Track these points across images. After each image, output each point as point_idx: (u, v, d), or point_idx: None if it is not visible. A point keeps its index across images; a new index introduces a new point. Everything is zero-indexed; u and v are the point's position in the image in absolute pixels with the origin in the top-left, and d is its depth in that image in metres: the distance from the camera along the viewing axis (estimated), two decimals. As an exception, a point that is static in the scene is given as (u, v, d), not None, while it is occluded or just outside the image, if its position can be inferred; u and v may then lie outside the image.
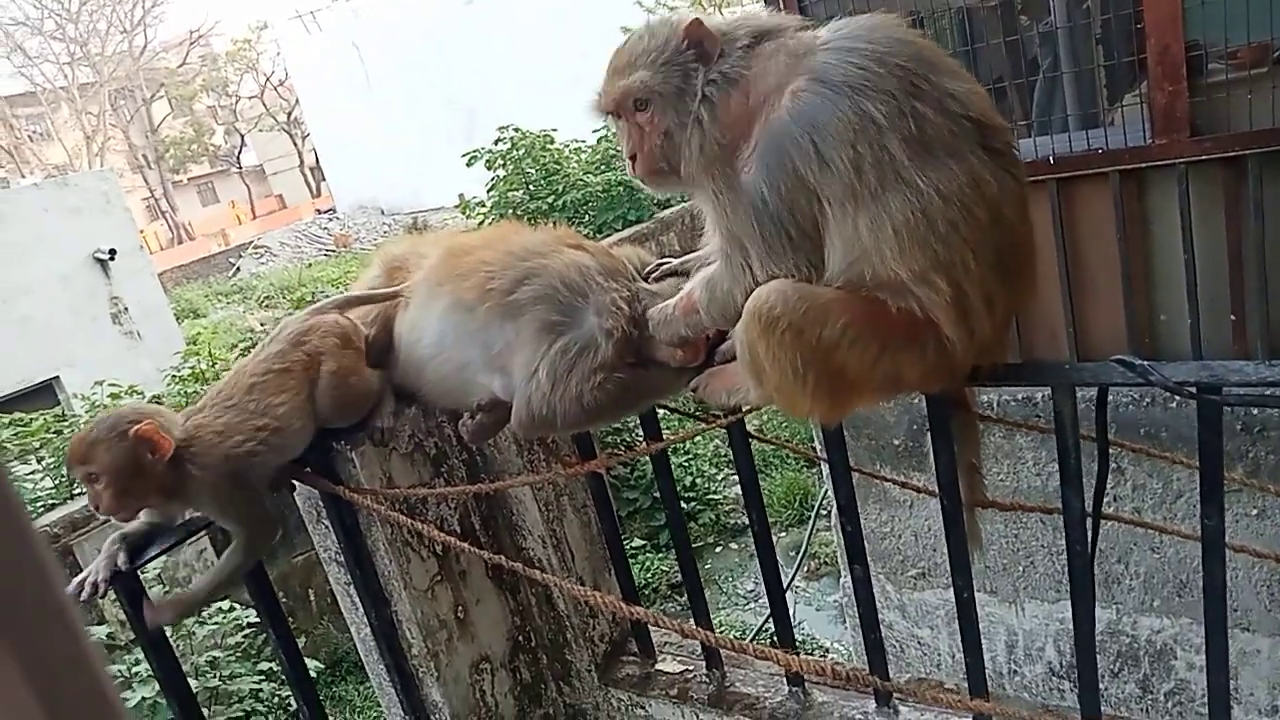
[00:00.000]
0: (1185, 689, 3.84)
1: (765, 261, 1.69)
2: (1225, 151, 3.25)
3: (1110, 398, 1.98)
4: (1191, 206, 3.35)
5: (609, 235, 10.73)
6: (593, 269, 2.14)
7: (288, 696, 5.47)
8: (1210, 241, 3.39)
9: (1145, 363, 1.68)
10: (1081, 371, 1.82)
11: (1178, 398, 1.72)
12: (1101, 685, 3.94)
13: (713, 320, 1.91)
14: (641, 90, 1.77)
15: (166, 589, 6.30)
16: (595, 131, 11.94)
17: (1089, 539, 1.96)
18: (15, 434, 8.09)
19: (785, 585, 6.81)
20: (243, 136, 44.51)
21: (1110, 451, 2.08)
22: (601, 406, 2.09)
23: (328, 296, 2.74)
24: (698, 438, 8.13)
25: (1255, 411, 3.31)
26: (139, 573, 2.14)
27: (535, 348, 2.10)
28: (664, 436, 2.53)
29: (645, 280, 2.21)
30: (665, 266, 2.24)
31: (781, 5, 4.10)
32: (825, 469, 4.65)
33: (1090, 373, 1.80)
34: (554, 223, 2.42)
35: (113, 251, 13.90)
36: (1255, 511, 3.44)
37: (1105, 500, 2.34)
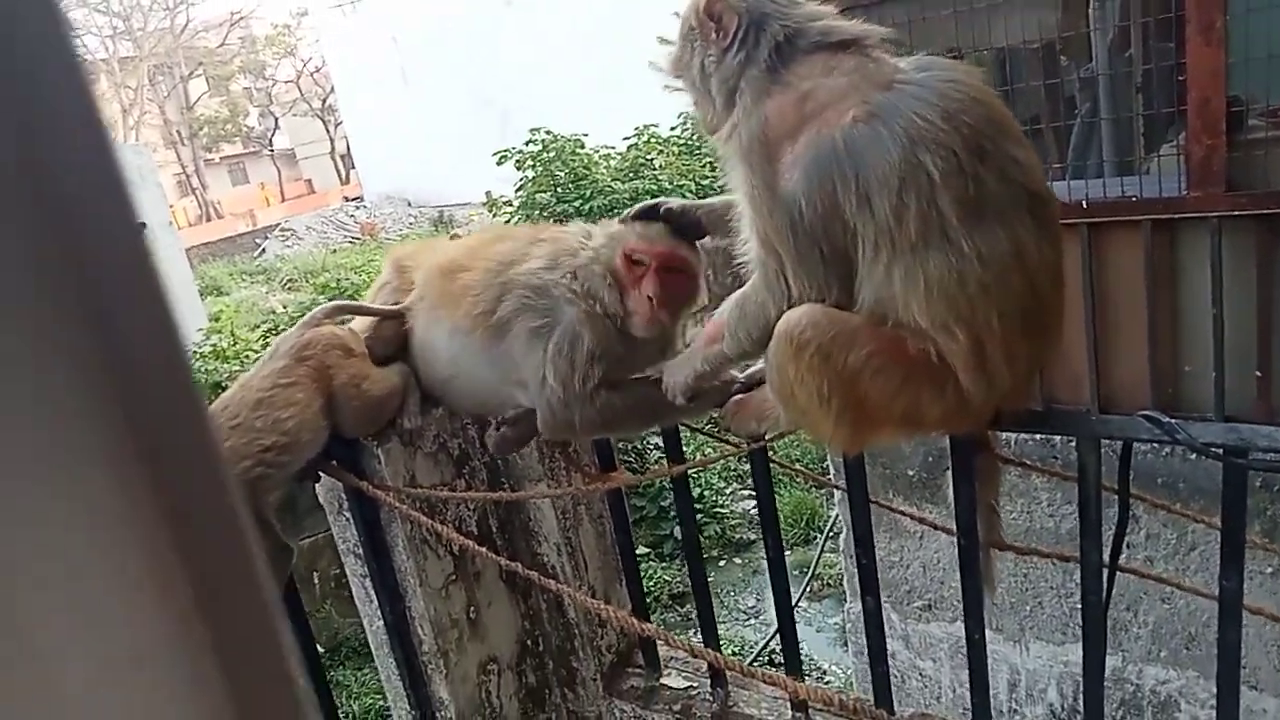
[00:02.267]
0: (1186, 742, 3.82)
1: (798, 273, 1.69)
2: (1261, 209, 3.24)
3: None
4: (1223, 261, 3.34)
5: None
6: (539, 267, 2.16)
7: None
8: (1240, 297, 3.38)
9: (1172, 420, 1.70)
10: (1108, 425, 1.83)
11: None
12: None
13: (737, 345, 1.87)
14: (666, 63, 1.89)
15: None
16: (625, 139, 12.02)
17: (1104, 590, 1.97)
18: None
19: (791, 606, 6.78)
20: (276, 119, 44.85)
21: (1136, 497, 2.10)
22: (616, 413, 2.12)
23: (339, 295, 2.79)
24: (708, 450, 8.16)
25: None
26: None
27: (535, 357, 2.14)
28: (685, 456, 2.55)
29: (625, 222, 2.18)
30: (666, 205, 2.17)
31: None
32: (837, 493, 4.67)
33: (1117, 426, 1.81)
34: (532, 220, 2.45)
35: (143, 224, 13.97)
36: (1270, 570, 3.43)
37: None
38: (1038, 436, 3.79)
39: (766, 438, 2.21)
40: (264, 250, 28.57)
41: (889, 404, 1.67)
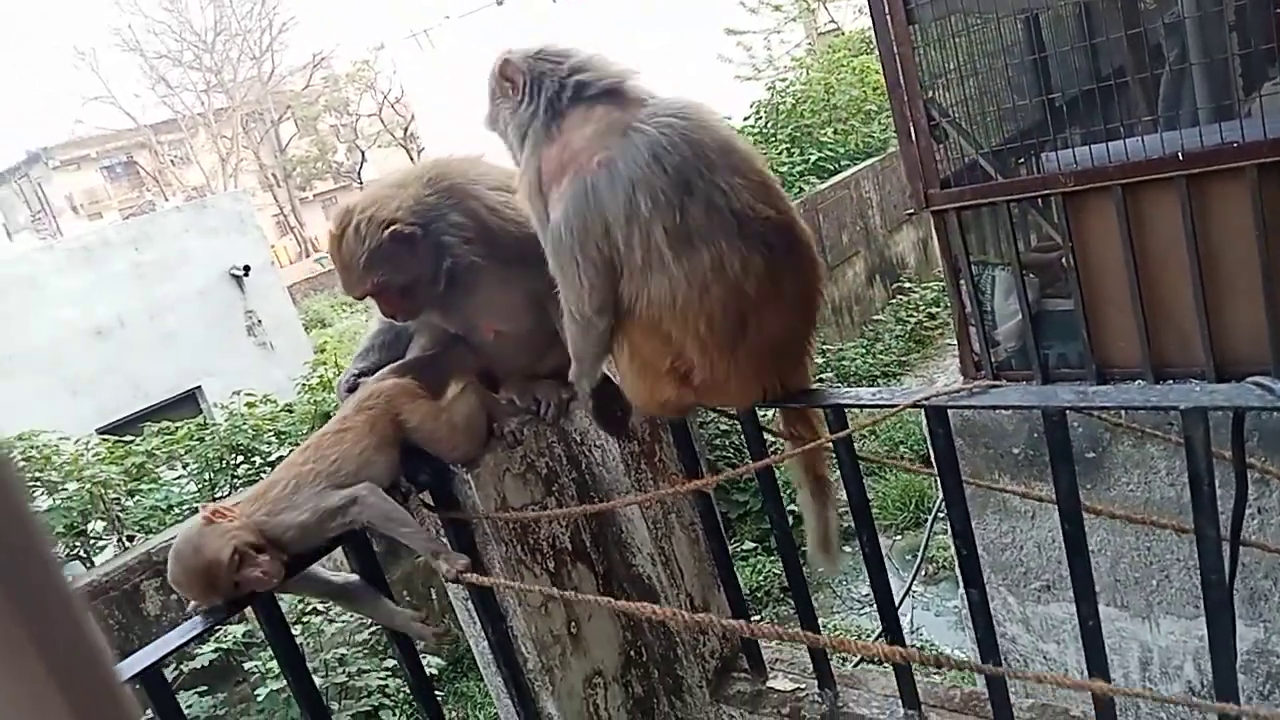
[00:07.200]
0: (1344, 715, 3.56)
1: (577, 290, 2.01)
2: (1379, 140, 3.01)
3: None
4: (1341, 200, 3.11)
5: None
6: None
7: (413, 695, 5.69)
8: (1363, 237, 3.14)
9: (1285, 385, 1.58)
10: (1214, 394, 1.71)
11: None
12: (1249, 709, 3.69)
13: (579, 360, 2.20)
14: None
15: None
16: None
17: (1227, 567, 1.85)
18: (163, 441, 8.69)
19: (903, 593, 6.63)
20: (363, 153, 46.37)
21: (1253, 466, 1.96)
22: None
23: None
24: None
25: None
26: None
27: None
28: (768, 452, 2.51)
29: None
30: None
31: (887, 7, 4.02)
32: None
33: (1224, 395, 1.70)
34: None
35: (247, 268, 14.73)
36: None
37: (1247, 514, 2.20)
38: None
39: (849, 426, 2.15)
40: (361, 279, 29.58)
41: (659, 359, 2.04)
